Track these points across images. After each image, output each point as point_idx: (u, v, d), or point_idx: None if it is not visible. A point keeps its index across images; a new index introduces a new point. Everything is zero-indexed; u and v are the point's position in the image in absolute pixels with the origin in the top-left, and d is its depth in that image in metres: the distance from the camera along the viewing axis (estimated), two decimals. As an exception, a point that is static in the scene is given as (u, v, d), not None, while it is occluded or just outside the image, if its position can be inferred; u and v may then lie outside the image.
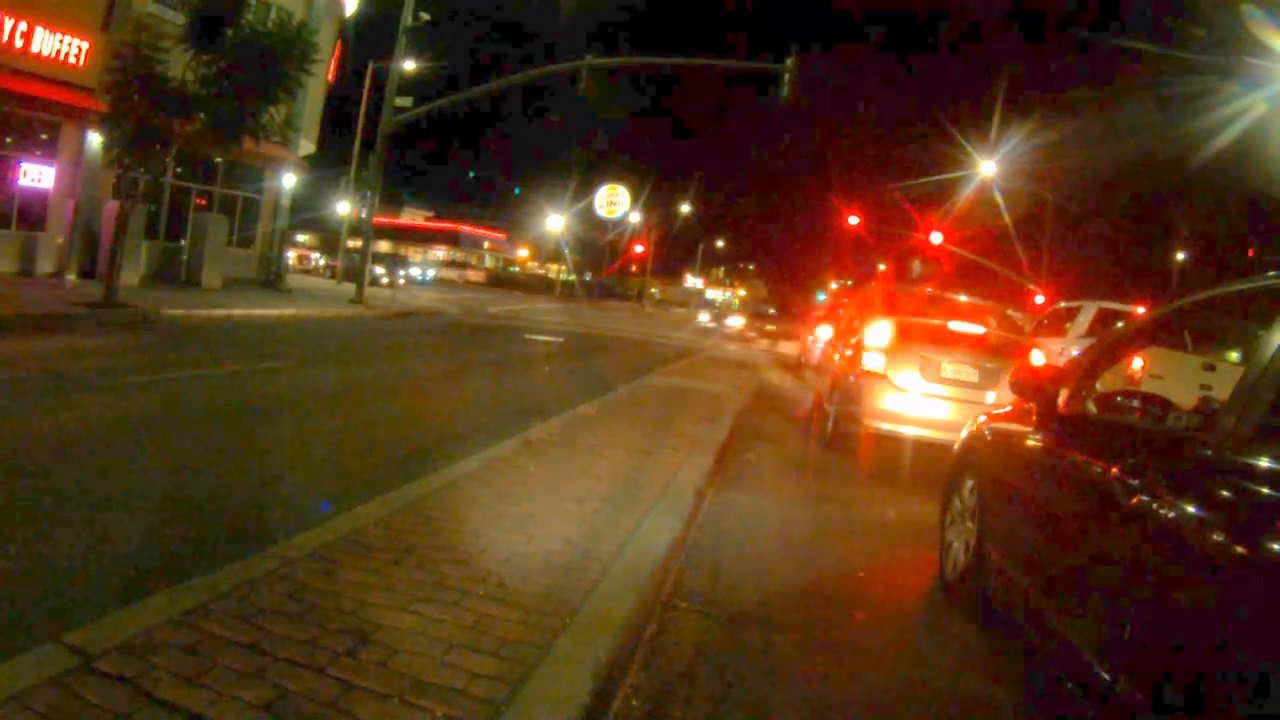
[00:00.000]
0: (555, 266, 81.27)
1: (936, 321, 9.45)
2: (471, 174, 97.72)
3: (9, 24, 18.12)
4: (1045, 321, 16.99)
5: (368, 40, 38.46)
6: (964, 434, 5.85)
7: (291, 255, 44.97)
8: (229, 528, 5.08)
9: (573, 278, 74.62)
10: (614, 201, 50.09)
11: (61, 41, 19.28)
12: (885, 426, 8.84)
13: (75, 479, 5.62)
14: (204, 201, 26.06)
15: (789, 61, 22.88)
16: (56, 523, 4.75)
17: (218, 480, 6.08)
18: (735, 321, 51.78)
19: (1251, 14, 18.98)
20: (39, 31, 18.76)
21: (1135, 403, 3.98)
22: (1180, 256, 46.06)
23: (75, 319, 13.90)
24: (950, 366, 8.81)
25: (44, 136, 20.57)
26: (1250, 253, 42.10)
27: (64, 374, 9.61)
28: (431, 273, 59.18)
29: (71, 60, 19.55)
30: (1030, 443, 4.61)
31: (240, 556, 4.06)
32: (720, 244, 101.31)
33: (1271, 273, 3.23)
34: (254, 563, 3.98)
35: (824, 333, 15.68)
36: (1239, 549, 2.48)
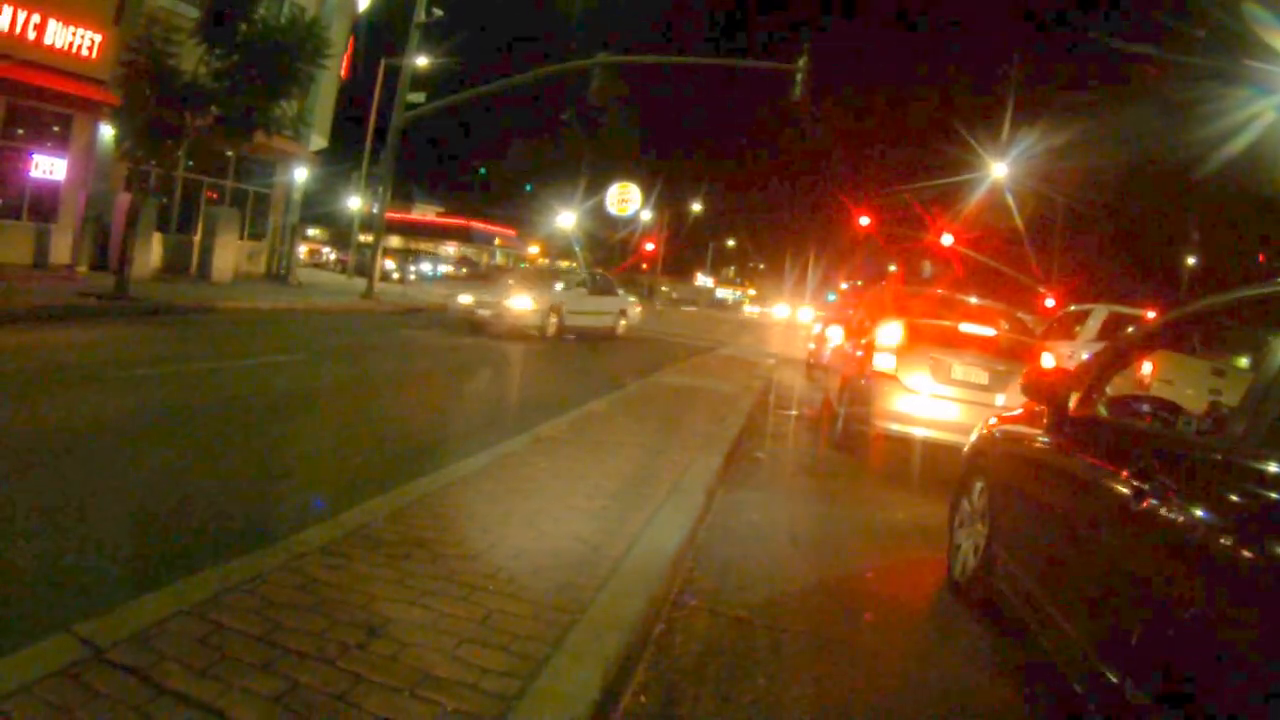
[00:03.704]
0: (566, 263, 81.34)
1: (947, 323, 9.42)
2: (482, 170, 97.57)
3: (21, 16, 18.15)
4: (1055, 325, 16.95)
5: (381, 36, 38.51)
6: (974, 436, 5.84)
7: (302, 250, 44.99)
8: (238, 521, 5.09)
9: (584, 275, 74.45)
10: (625, 199, 50.16)
11: (74, 34, 19.31)
12: (895, 427, 8.81)
13: (84, 471, 5.64)
14: (215, 195, 26.11)
15: (801, 61, 22.81)
16: (64, 514, 4.77)
17: (227, 474, 6.09)
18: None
19: (1256, 16, 18.89)
20: (51, 24, 18.79)
21: (1146, 407, 3.98)
22: (1190, 261, 45.95)
23: (85, 310, 13.94)
24: (960, 368, 8.78)
25: (56, 129, 20.62)
26: (1261, 258, 41.96)
27: (73, 365, 9.64)
28: (443, 268, 59.12)
29: (84, 53, 19.59)
30: (1041, 445, 4.60)
31: (249, 550, 4.08)
32: (731, 243, 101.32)
33: None
34: (264, 556, 3.99)
35: (834, 333, 15.62)
36: (1249, 553, 2.47)
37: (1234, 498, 2.69)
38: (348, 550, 4.19)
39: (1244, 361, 11.70)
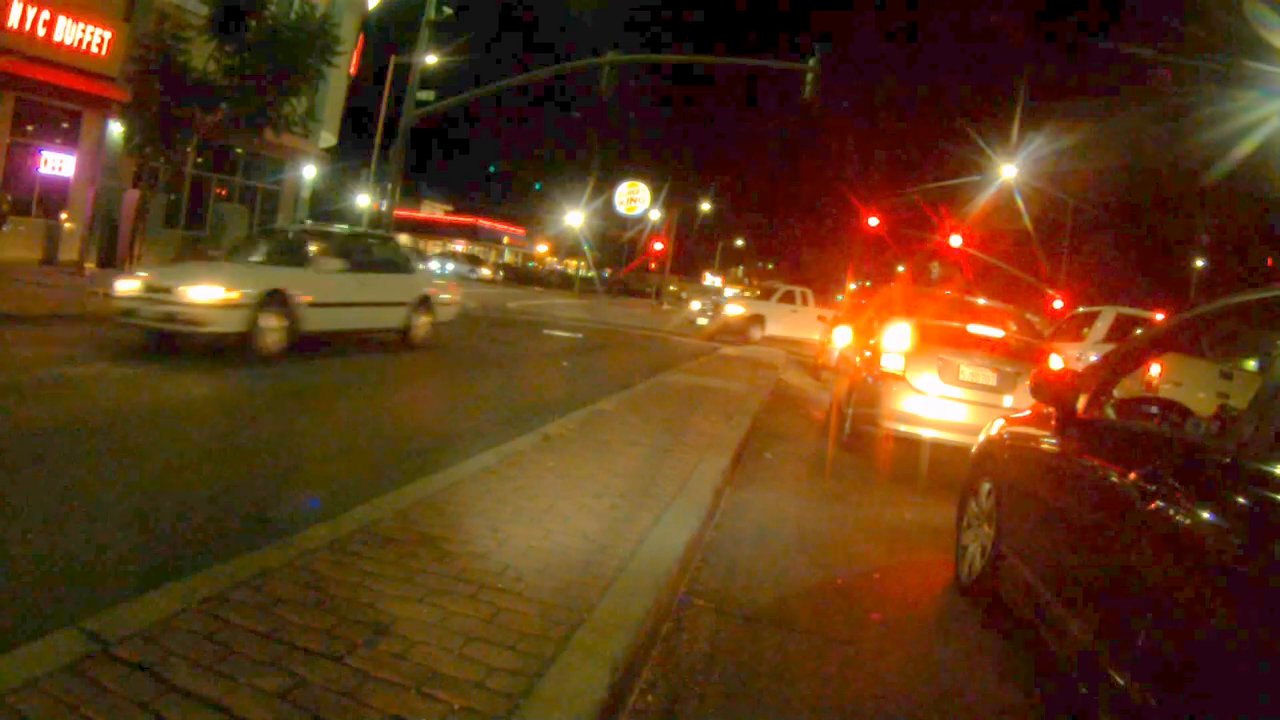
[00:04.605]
0: (574, 262, 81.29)
1: (955, 324, 9.39)
2: (492, 169, 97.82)
3: (31, 12, 18.21)
4: (1063, 326, 16.92)
5: (390, 33, 38.62)
6: (982, 437, 5.84)
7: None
8: (245, 518, 5.10)
9: (592, 274, 74.54)
10: (634, 198, 50.07)
11: (84, 30, 19.36)
12: (902, 428, 8.78)
13: (92, 469, 5.66)
14: (224, 192, 26.20)
15: (812, 60, 22.77)
16: (72, 511, 4.79)
17: (233, 472, 6.10)
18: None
19: (1260, 17, 18.83)
20: (61, 20, 18.85)
21: (1154, 409, 3.98)
22: (1199, 263, 45.87)
23: (94, 304, 13.96)
24: (968, 369, 8.75)
25: (65, 125, 20.69)
26: (1269, 261, 41.90)
27: (81, 359, 9.65)
28: (450, 267, 59.19)
29: (94, 49, 19.64)
30: (1049, 447, 4.59)
31: (257, 547, 4.08)
32: (739, 243, 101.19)
33: None
34: (271, 553, 4.00)
35: (841, 334, 15.60)
36: (1257, 556, 2.47)
37: (1241, 500, 2.69)
38: (355, 547, 4.19)
39: (1252, 364, 11.68)
